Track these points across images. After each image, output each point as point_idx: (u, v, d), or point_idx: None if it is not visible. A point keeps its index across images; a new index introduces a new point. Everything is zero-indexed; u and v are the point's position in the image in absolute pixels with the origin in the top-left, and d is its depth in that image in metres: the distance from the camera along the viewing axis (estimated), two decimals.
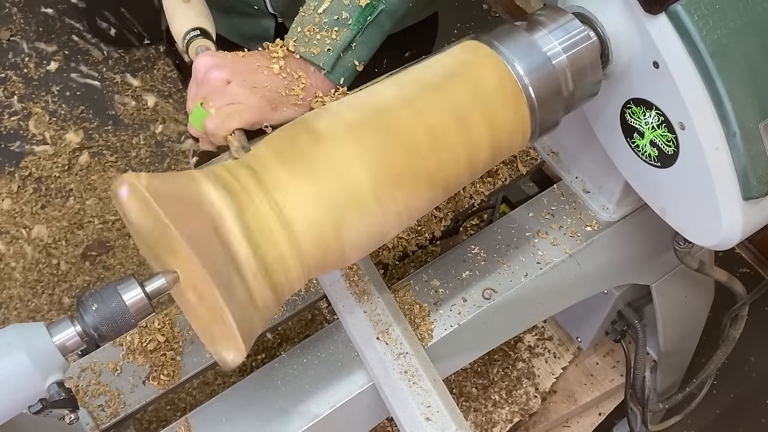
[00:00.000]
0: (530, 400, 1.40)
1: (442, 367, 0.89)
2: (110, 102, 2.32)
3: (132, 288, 0.61)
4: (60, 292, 1.97)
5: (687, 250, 0.93)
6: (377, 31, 0.85)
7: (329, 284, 0.88)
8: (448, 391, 0.81)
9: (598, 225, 0.97)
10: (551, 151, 1.04)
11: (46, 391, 0.60)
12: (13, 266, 2.00)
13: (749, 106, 0.71)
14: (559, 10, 0.76)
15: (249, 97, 0.79)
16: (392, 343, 0.83)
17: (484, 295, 0.92)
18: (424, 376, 0.81)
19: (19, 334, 0.59)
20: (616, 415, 1.50)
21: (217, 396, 0.87)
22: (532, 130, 0.75)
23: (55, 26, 2.46)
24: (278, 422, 0.85)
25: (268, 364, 0.89)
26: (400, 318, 0.86)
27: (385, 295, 0.87)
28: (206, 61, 0.82)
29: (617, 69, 0.78)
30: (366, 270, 0.88)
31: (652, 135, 0.78)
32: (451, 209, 0.99)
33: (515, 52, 0.72)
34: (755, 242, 2.00)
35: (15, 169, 2.18)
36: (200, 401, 1.35)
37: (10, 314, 1.93)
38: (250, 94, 0.79)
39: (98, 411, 0.86)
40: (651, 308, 1.23)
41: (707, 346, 1.38)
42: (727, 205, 0.75)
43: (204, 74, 0.81)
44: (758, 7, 0.71)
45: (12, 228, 2.07)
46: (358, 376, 0.87)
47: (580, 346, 1.44)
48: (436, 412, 0.79)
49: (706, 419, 1.77)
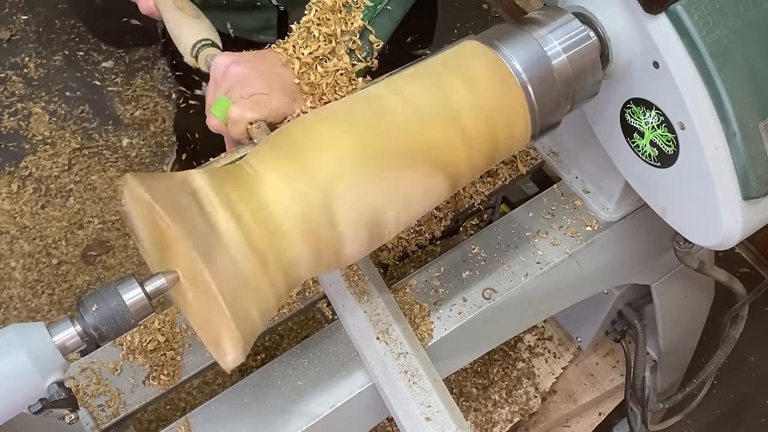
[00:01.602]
0: (530, 400, 1.40)
1: (442, 367, 0.89)
2: (110, 102, 2.32)
3: (132, 288, 0.61)
4: (60, 292, 1.97)
5: (687, 250, 0.93)
6: (388, 18, 0.86)
7: (329, 284, 0.88)
8: (448, 391, 0.81)
9: (598, 225, 0.97)
10: (551, 151, 1.04)
11: (46, 391, 0.60)
12: (13, 266, 2.00)
13: (749, 106, 0.71)
14: (559, 10, 0.76)
15: (271, 88, 0.81)
16: (392, 343, 0.83)
17: (484, 295, 0.92)
18: (424, 376, 0.81)
19: (19, 334, 0.59)
20: (616, 415, 1.50)
21: (217, 396, 0.87)
22: (532, 130, 0.75)
23: (55, 26, 2.46)
24: (278, 422, 0.85)
25: (268, 364, 0.89)
26: (400, 318, 0.86)
27: (385, 295, 0.87)
28: (225, 59, 0.84)
29: (617, 69, 0.78)
30: (366, 270, 0.88)
31: (652, 135, 0.78)
32: (451, 209, 0.99)
33: (515, 52, 0.72)
34: (755, 242, 2.00)
35: (15, 169, 2.18)
36: (200, 401, 1.35)
37: (10, 314, 1.92)
38: (271, 86, 0.81)
39: (98, 411, 0.86)
40: (651, 308, 1.23)
41: (707, 346, 1.38)
42: (727, 205, 0.75)
43: (224, 71, 0.83)
44: (758, 7, 0.71)
45: (12, 228, 2.07)
46: (358, 376, 0.87)
47: (580, 346, 1.44)
48: (436, 412, 0.79)
49: (706, 419, 1.77)
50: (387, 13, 0.86)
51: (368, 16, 0.85)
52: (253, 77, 0.81)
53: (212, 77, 0.85)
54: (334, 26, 0.84)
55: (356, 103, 0.70)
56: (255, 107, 0.80)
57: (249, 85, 0.81)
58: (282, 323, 0.92)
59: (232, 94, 0.81)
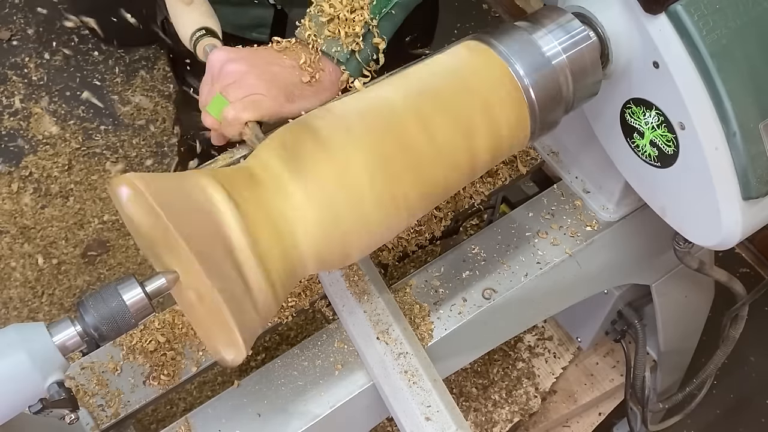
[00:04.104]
0: (530, 400, 1.40)
1: (441, 367, 0.89)
2: (110, 102, 2.32)
3: (132, 288, 0.61)
4: (60, 292, 1.97)
5: (687, 250, 0.93)
6: (390, 22, 0.86)
7: (329, 284, 0.88)
8: (448, 391, 0.81)
9: (598, 225, 0.97)
10: (551, 151, 1.04)
11: (46, 391, 0.60)
12: (13, 266, 2.00)
13: (749, 106, 0.71)
14: (559, 10, 0.76)
15: (267, 88, 0.80)
16: (392, 343, 0.83)
17: (484, 295, 0.92)
18: (424, 376, 0.81)
19: (19, 334, 0.59)
20: (616, 415, 1.50)
21: (217, 396, 0.87)
22: (532, 130, 0.75)
23: (55, 26, 2.46)
24: (278, 422, 0.85)
25: (268, 363, 0.89)
26: (400, 318, 0.86)
27: (385, 295, 0.87)
28: (221, 55, 0.83)
29: (617, 69, 0.78)
30: (366, 270, 0.88)
31: (652, 135, 0.78)
32: (451, 209, 0.99)
33: (515, 52, 0.72)
34: (755, 242, 2.00)
35: (15, 169, 2.18)
36: (200, 401, 1.35)
37: (10, 314, 1.92)
38: (268, 85, 0.80)
39: (98, 411, 0.86)
40: (651, 308, 1.23)
41: (707, 346, 1.38)
42: (727, 205, 0.75)
43: (220, 68, 0.82)
44: (758, 7, 0.71)
45: (12, 228, 2.07)
46: (358, 376, 0.87)
47: (580, 346, 1.44)
48: (436, 412, 0.79)
49: (706, 419, 1.77)
50: (390, 17, 0.86)
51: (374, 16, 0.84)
52: (249, 76, 0.81)
53: (208, 72, 0.84)
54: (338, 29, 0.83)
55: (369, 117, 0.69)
56: (250, 108, 0.79)
57: (245, 84, 0.80)
58: (282, 323, 0.91)
59: (228, 93, 0.81)
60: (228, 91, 0.81)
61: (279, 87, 0.81)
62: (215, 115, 0.81)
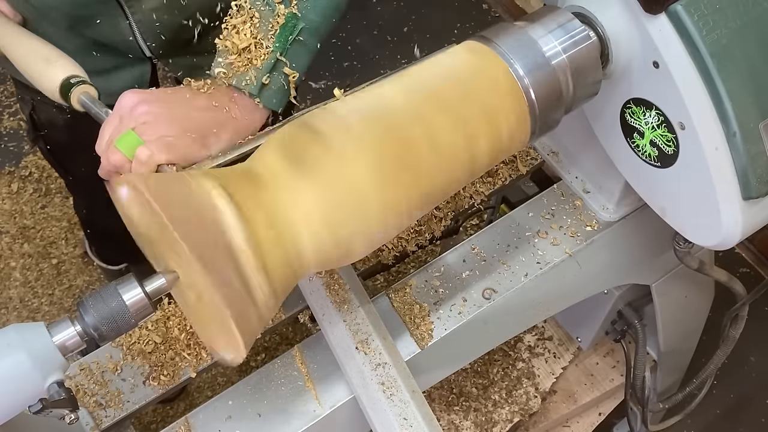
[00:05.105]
0: (530, 400, 1.40)
1: (441, 367, 0.89)
2: None
3: (132, 288, 0.61)
4: (60, 292, 1.97)
5: (687, 250, 0.93)
6: (303, 49, 0.82)
7: (310, 293, 0.88)
8: (426, 403, 0.80)
9: (598, 225, 0.97)
10: (551, 151, 1.04)
11: (46, 391, 0.60)
12: (13, 266, 2.00)
13: (749, 106, 0.71)
14: (559, 10, 0.76)
15: (182, 133, 0.77)
16: (371, 353, 0.83)
17: (484, 295, 0.92)
18: (402, 388, 0.80)
19: (19, 334, 0.59)
20: (616, 415, 1.50)
21: (217, 396, 0.87)
22: (532, 130, 0.74)
23: None
24: (278, 422, 0.85)
25: (268, 363, 0.89)
26: (381, 328, 0.85)
27: (366, 305, 0.86)
28: (132, 97, 0.78)
29: (617, 69, 0.78)
30: (347, 279, 0.87)
31: (652, 135, 0.78)
32: (451, 209, 0.99)
33: (515, 52, 0.72)
34: (755, 242, 2.00)
35: (15, 169, 2.18)
36: (200, 401, 1.35)
37: (10, 314, 1.93)
38: (182, 129, 0.77)
39: (98, 411, 0.86)
40: (651, 308, 1.23)
41: (707, 346, 1.38)
42: (727, 205, 0.75)
43: (132, 108, 0.78)
44: (758, 7, 0.71)
45: (12, 228, 2.07)
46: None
47: (580, 346, 1.44)
48: (413, 425, 0.78)
49: (706, 419, 1.77)
50: (300, 44, 0.81)
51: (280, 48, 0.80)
52: (163, 118, 0.77)
53: (115, 114, 0.79)
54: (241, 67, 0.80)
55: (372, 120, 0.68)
56: (165, 150, 0.75)
57: (159, 126, 0.76)
58: (282, 323, 0.91)
59: (141, 133, 0.76)
60: (140, 131, 0.76)
61: (194, 130, 0.78)
62: (126, 151, 0.76)
